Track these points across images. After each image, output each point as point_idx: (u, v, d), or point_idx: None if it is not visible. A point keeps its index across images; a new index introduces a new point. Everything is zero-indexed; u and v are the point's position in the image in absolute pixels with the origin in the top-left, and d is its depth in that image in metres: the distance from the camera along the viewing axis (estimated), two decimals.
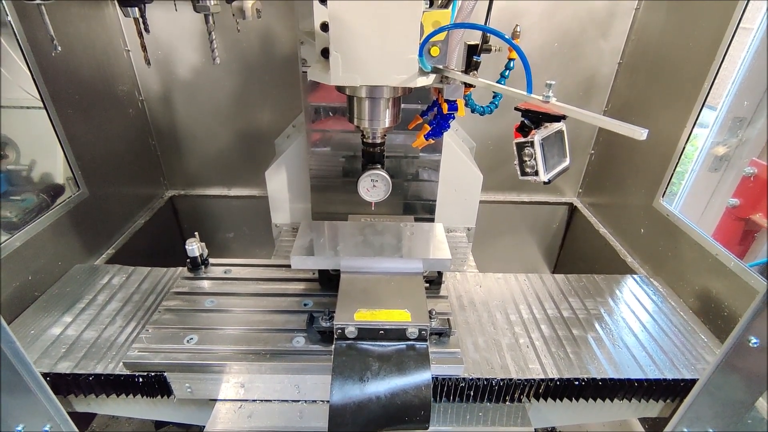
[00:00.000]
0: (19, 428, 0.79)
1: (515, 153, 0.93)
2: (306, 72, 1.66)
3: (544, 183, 0.92)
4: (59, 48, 1.27)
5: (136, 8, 1.47)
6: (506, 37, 0.97)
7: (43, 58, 1.77)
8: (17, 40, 1.66)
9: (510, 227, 3.06)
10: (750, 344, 0.68)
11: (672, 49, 2.07)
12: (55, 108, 1.86)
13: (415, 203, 2.07)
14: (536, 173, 0.91)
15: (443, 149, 1.94)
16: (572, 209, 2.97)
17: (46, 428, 0.81)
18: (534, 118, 0.90)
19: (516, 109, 0.95)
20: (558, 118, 0.89)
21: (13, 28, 1.64)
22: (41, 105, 1.80)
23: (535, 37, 2.38)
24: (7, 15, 1.62)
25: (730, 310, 1.65)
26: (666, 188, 2.05)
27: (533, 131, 0.90)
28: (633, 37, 2.37)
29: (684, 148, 1.95)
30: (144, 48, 1.59)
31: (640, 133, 0.70)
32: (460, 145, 2.21)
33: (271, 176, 2.11)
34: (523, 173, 0.93)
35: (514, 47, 0.95)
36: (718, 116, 1.98)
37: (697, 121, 1.89)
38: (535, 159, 0.89)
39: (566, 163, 0.97)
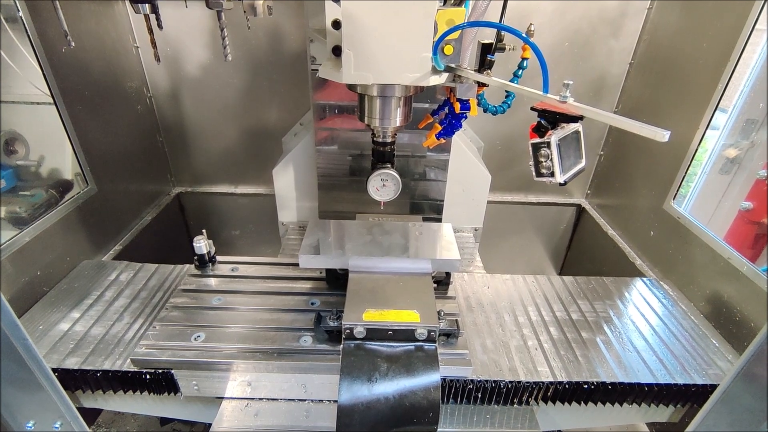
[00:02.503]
0: (29, 425, 0.78)
1: (530, 153, 0.92)
2: (315, 70, 1.66)
3: (560, 184, 0.91)
4: (73, 44, 1.27)
5: (147, 4, 1.47)
6: (524, 35, 0.95)
7: (53, 55, 1.78)
8: (28, 36, 1.66)
9: (517, 228, 3.04)
10: None
11: (685, 50, 2.05)
12: (65, 104, 1.86)
13: (422, 203, 2.06)
14: (552, 174, 0.90)
15: (452, 149, 1.93)
16: (580, 210, 2.94)
17: (57, 425, 0.81)
18: (551, 119, 0.89)
19: (532, 108, 0.94)
20: (575, 119, 0.88)
21: (24, 25, 1.64)
22: (51, 101, 1.81)
23: (546, 36, 2.36)
24: (19, 11, 1.62)
25: (742, 315, 1.62)
26: (677, 190, 2.03)
27: (550, 132, 0.88)
28: (645, 37, 2.34)
29: (696, 150, 1.92)
30: (154, 44, 1.59)
31: (662, 135, 0.69)
32: (468, 145, 2.19)
33: (279, 174, 2.11)
34: (539, 174, 0.92)
35: (532, 46, 0.94)
36: (730, 118, 1.96)
37: (710, 124, 1.87)
38: (551, 160, 0.88)
39: (582, 164, 0.95)
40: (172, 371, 1.37)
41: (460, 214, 2.20)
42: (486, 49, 1.16)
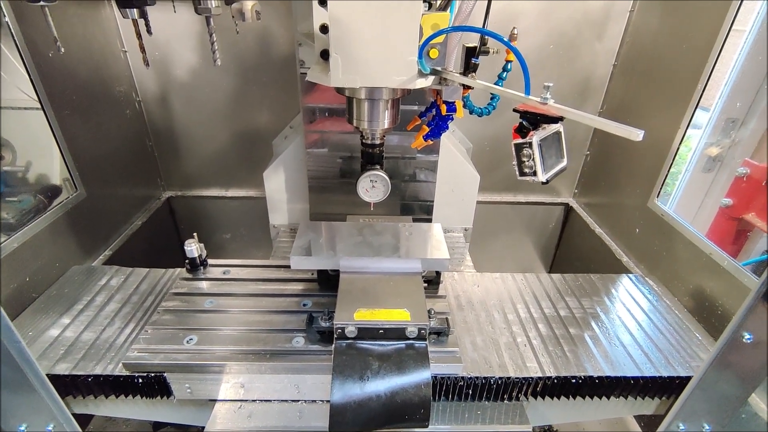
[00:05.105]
0: (22, 428, 0.79)
1: (514, 154, 0.95)
2: (304, 73, 1.68)
3: (543, 183, 0.94)
4: (62, 50, 1.27)
5: (135, 9, 1.47)
6: (505, 39, 0.98)
7: (40, 59, 1.77)
8: (15, 41, 1.66)
9: (506, 227, 3.08)
10: (744, 340, 0.69)
11: (666, 51, 2.10)
12: (53, 109, 1.85)
13: (412, 204, 2.09)
14: (534, 174, 0.93)
15: (440, 150, 1.96)
16: (568, 209, 2.99)
17: (50, 428, 0.81)
18: (532, 120, 0.92)
19: (515, 110, 0.97)
20: (556, 120, 0.91)
21: (10, 30, 1.64)
22: (38, 106, 1.80)
23: (531, 38, 2.40)
24: (5, 16, 1.61)
25: (724, 308, 1.67)
26: (660, 188, 2.08)
27: (531, 132, 0.91)
28: (627, 39, 2.40)
29: (678, 148, 1.97)
30: (143, 49, 1.59)
31: (637, 134, 0.72)
32: (456, 146, 2.22)
33: (269, 177, 2.11)
34: (522, 174, 0.95)
35: (513, 50, 0.97)
36: (711, 117, 2.01)
37: (691, 122, 1.92)
38: (533, 160, 0.91)
39: (564, 163, 0.98)
40: (165, 374, 1.37)
41: (450, 214, 2.23)
42: (470, 53, 1.18)
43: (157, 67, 2.43)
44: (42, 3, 1.22)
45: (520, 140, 0.92)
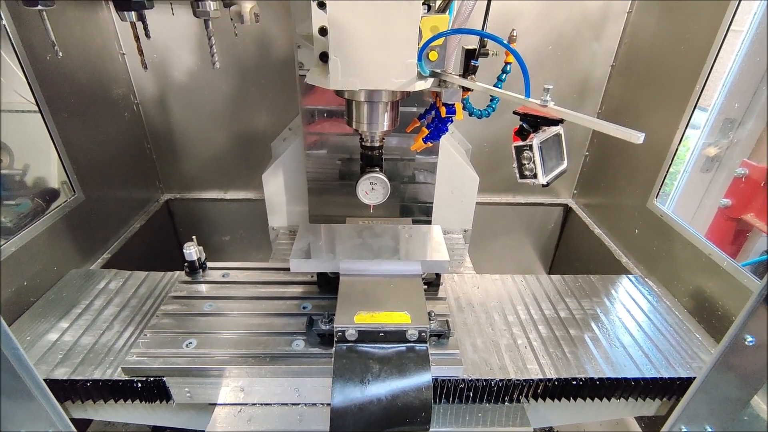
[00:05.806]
0: None
1: (514, 156, 0.94)
2: (303, 75, 1.67)
3: (543, 186, 0.93)
4: (60, 54, 1.27)
5: (133, 12, 1.47)
6: (505, 42, 0.98)
7: (38, 62, 1.76)
8: (12, 44, 1.65)
9: (506, 228, 3.08)
10: (746, 342, 0.69)
11: (664, 52, 2.10)
12: (50, 112, 1.85)
13: (412, 205, 2.08)
14: (535, 176, 0.93)
15: (440, 151, 1.95)
16: (567, 210, 2.99)
17: None
18: (532, 122, 0.92)
19: (515, 113, 0.96)
20: (556, 122, 0.91)
21: (8, 33, 1.63)
22: (36, 109, 1.79)
23: (530, 39, 2.41)
24: (2, 19, 1.61)
25: (724, 309, 1.67)
26: (659, 189, 2.08)
27: (532, 135, 0.91)
28: (626, 40, 2.40)
29: (677, 149, 1.98)
30: (141, 52, 1.59)
31: (637, 137, 0.72)
32: (456, 148, 2.22)
33: (268, 179, 2.11)
34: (522, 176, 0.95)
35: (513, 53, 0.97)
36: (709, 118, 2.01)
37: (689, 123, 1.92)
38: (533, 162, 0.90)
39: (564, 165, 0.98)
40: (164, 378, 1.37)
41: (449, 215, 2.22)
42: (470, 55, 1.18)
43: (155, 69, 2.42)
44: (40, 7, 1.22)
45: (520, 143, 0.92)
